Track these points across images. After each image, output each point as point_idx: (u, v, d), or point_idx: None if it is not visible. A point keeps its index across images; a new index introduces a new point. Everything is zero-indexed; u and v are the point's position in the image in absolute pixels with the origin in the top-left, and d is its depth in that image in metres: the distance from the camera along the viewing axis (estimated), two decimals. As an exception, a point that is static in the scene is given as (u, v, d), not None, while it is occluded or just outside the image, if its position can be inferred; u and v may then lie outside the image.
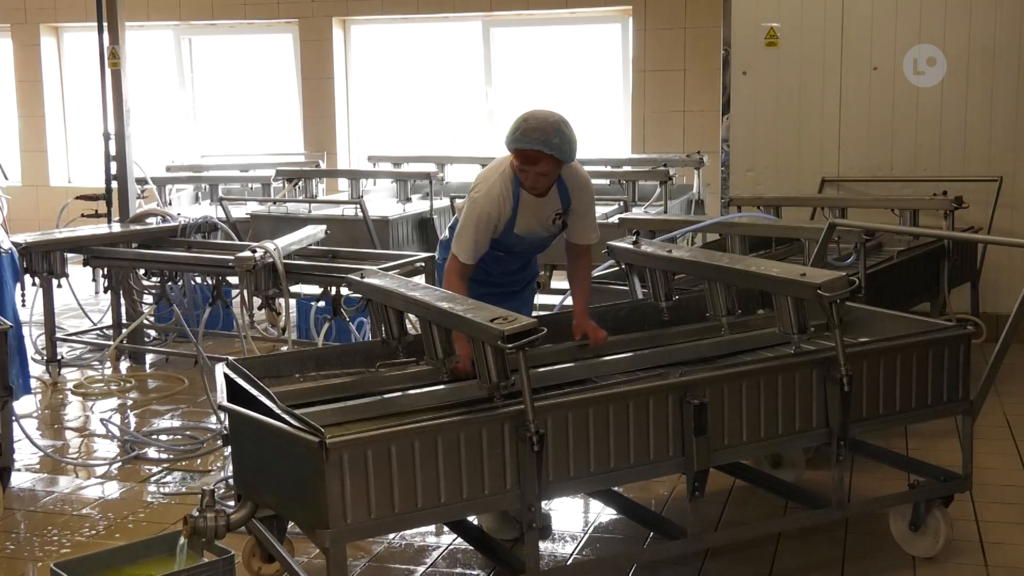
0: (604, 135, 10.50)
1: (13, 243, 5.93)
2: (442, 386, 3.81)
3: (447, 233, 4.58)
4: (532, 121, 4.01)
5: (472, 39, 10.81)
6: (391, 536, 4.11)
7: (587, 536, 4.17)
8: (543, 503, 3.29)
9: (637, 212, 7.36)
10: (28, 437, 5.12)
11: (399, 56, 11.17)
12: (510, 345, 3.13)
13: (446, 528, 4.11)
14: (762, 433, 3.58)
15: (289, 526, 3.63)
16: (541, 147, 3.98)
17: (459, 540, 4.04)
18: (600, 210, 7.50)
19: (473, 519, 3.84)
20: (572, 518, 4.37)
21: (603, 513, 4.35)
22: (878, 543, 4.01)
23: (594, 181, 7.97)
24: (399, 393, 3.78)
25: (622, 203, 7.53)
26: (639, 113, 10.03)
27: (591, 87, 10.65)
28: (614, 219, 6.66)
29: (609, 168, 8.44)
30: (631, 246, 4.53)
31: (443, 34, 11.01)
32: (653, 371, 3.95)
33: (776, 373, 3.59)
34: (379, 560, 4.00)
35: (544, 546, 4.04)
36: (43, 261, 6.52)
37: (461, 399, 3.68)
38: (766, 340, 4.32)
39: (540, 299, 7.07)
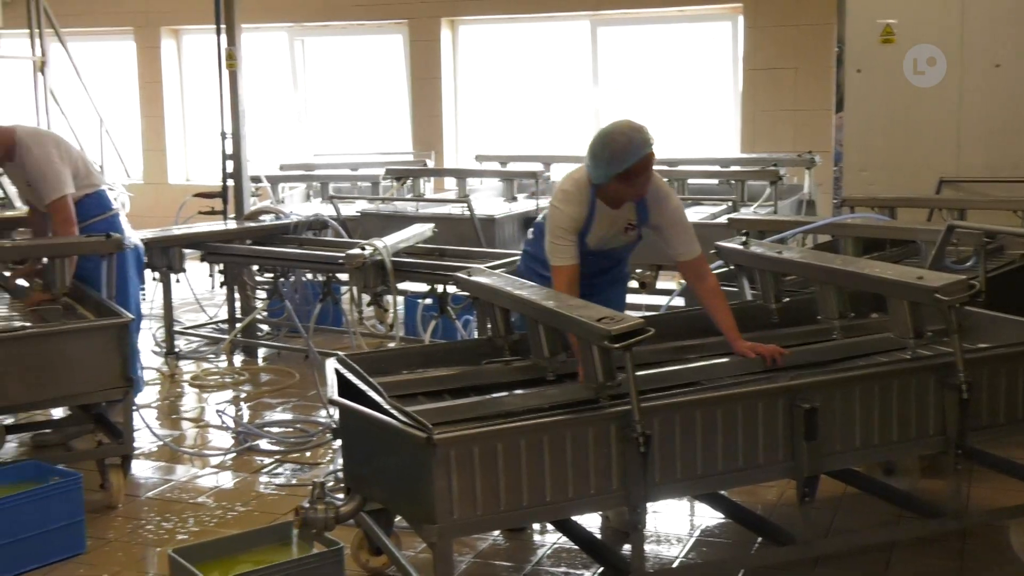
0: (712, 134, 10.37)
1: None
2: (548, 386, 3.81)
3: (532, 231, 4.56)
4: (620, 138, 3.90)
5: (579, 38, 10.79)
6: (495, 533, 4.14)
7: (693, 539, 4.13)
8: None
9: (746, 212, 7.24)
10: (148, 426, 5.30)
11: (506, 55, 11.22)
12: (617, 345, 3.12)
13: (550, 526, 4.11)
14: (875, 439, 3.49)
15: (396, 520, 3.67)
16: (649, 147, 3.91)
17: (564, 539, 4.04)
18: (708, 210, 7.42)
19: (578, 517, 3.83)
20: (678, 521, 4.33)
21: (709, 516, 4.30)
22: (997, 556, 3.88)
23: (702, 181, 8.01)
24: (505, 393, 3.79)
25: (731, 203, 7.42)
26: (749, 112, 9.88)
27: (699, 86, 10.53)
28: (723, 219, 6.57)
29: (718, 168, 8.33)
30: (740, 247, 4.47)
31: (550, 33, 11.02)
32: (762, 375, 3.88)
33: (891, 378, 3.51)
34: (484, 557, 4.02)
35: (650, 548, 4.01)
36: (162, 256, 6.73)
37: (568, 400, 3.67)
38: (880, 345, 4.20)
39: (646, 299, 7.05)
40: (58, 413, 5.62)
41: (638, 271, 7.12)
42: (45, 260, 5.12)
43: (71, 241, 4.99)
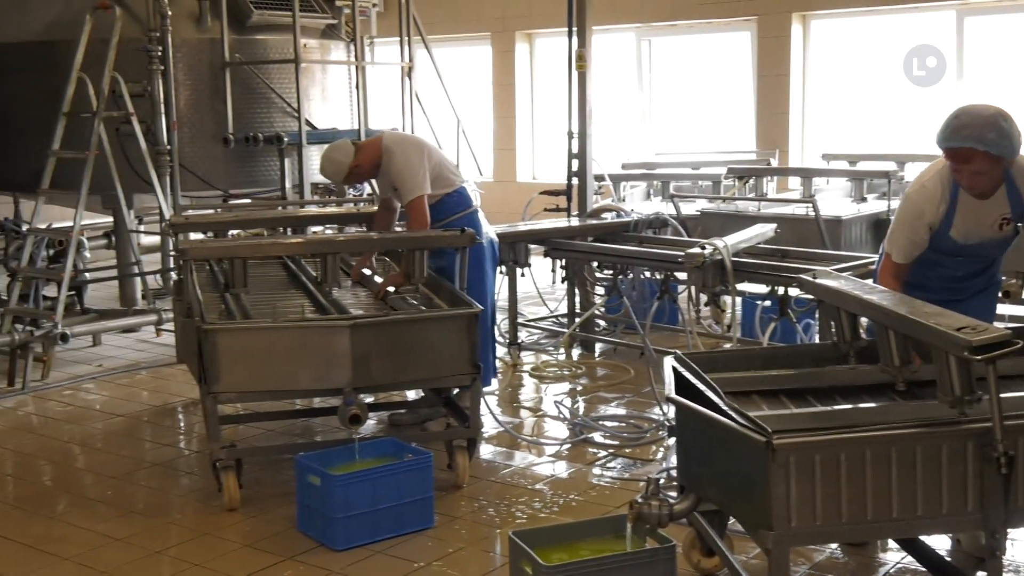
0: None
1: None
2: (896, 396, 3.60)
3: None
4: (964, 117, 3.71)
5: (942, 29, 10.13)
6: (834, 546, 3.98)
7: (1058, 574, 3.77)
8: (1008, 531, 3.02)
9: None
10: (492, 413, 5.56)
11: (860, 50, 10.74)
12: (979, 357, 2.91)
13: (893, 544, 3.90)
14: None
15: (730, 522, 3.63)
16: (973, 144, 3.64)
17: (909, 559, 3.81)
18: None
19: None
20: (1040, 552, 3.97)
21: (1078, 551, 3.91)
22: None
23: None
24: (850, 406, 3.63)
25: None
26: None
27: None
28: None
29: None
30: None
31: (908, 25, 10.43)
32: None
33: None
34: (820, 569, 3.88)
35: (1006, 579, 3.71)
36: (509, 251, 7.02)
37: (920, 418, 3.45)
38: None
39: (1012, 310, 6.50)
40: (412, 395, 6.03)
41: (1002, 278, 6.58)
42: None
43: (430, 235, 5.33)
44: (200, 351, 4.58)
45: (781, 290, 5.89)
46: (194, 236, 6.19)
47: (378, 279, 5.63)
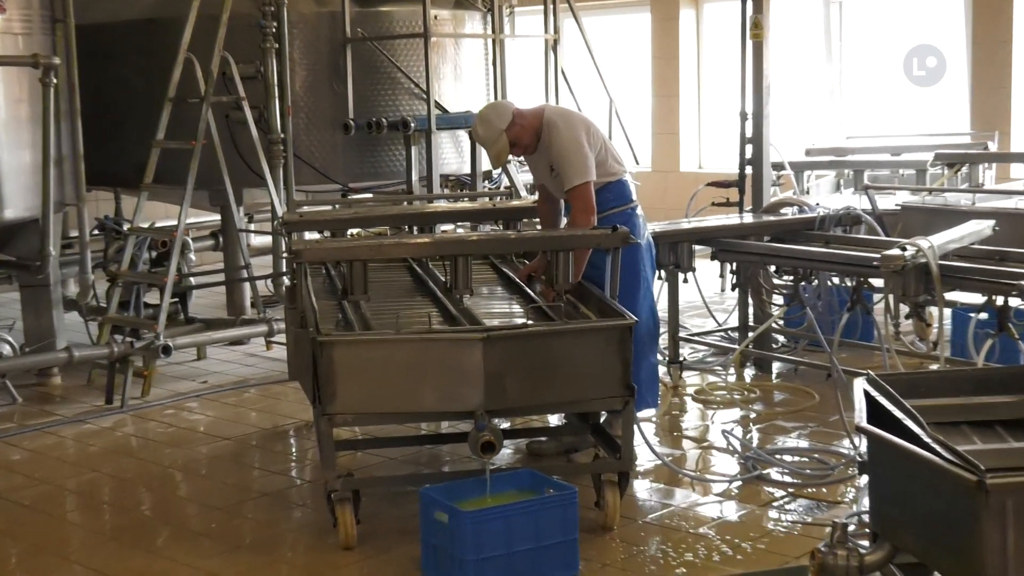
0: None
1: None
2: None
3: None
4: None
5: None
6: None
7: None
8: None
9: None
10: (647, 443, 5.54)
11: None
12: None
13: None
14: None
15: (934, 579, 3.54)
16: None
17: None
18: None
19: None
20: None
21: None
22: None
23: None
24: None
25: None
26: None
27: None
28: None
29: None
30: None
31: None
32: None
33: None
34: (1046, 639, 3.73)
35: None
36: (670, 253, 6.98)
37: None
38: None
39: None
40: (554, 420, 6.06)
41: None
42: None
43: (575, 234, 5.34)
44: (314, 366, 4.70)
45: (1000, 300, 5.71)
46: (309, 236, 6.37)
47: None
